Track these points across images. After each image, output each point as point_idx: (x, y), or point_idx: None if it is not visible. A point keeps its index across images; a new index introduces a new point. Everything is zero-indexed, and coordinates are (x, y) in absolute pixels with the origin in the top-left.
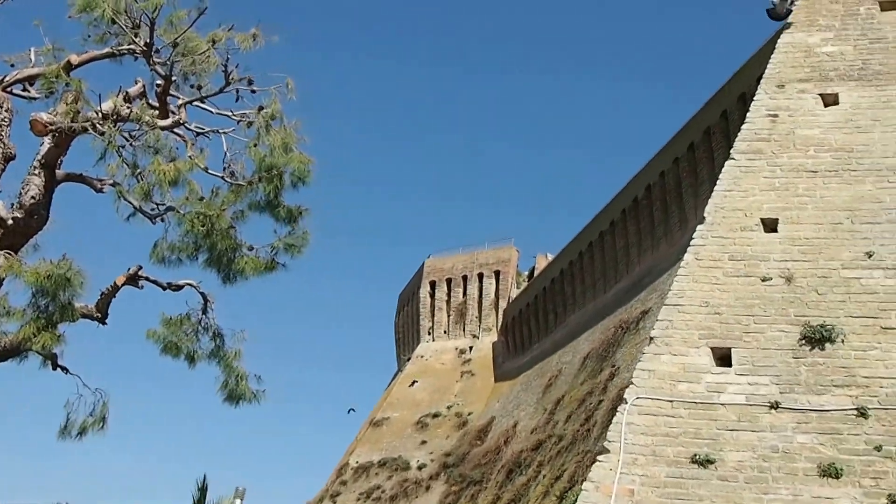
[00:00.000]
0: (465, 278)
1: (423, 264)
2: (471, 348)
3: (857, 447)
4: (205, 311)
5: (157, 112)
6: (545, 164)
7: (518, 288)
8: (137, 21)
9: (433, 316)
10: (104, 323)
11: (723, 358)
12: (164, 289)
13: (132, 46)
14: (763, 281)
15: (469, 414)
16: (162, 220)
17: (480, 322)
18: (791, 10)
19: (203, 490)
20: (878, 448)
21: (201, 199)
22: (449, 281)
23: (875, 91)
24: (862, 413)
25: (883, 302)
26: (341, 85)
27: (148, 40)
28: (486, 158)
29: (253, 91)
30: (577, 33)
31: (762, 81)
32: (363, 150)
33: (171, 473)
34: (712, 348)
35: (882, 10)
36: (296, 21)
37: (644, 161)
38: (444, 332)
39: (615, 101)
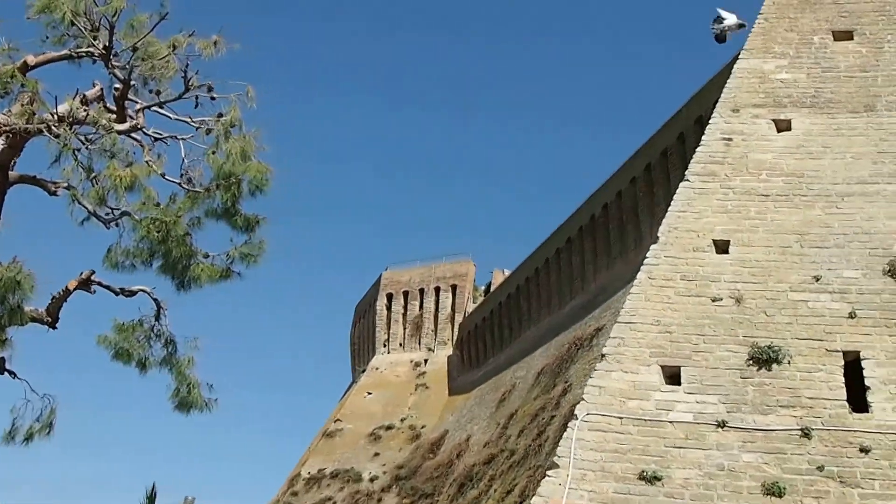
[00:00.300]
0: (421, 291)
1: (380, 276)
2: (426, 361)
3: (801, 467)
4: (158, 318)
5: (114, 116)
6: (503, 181)
7: (474, 302)
8: (97, 24)
9: (389, 328)
10: (54, 327)
11: (672, 376)
12: (117, 294)
13: (91, 49)
14: (713, 301)
15: (422, 427)
16: (116, 225)
17: (436, 336)
18: (726, 36)
19: (152, 498)
20: (821, 468)
21: (157, 204)
22: (406, 294)
23: (826, 118)
24: (805, 433)
25: (829, 325)
26: (303, 93)
27: (107, 43)
28: (446, 172)
29: (212, 98)
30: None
31: (718, 105)
32: (324, 159)
33: (121, 480)
34: (662, 366)
35: (835, 39)
36: (259, 33)
37: (602, 180)
38: (400, 344)
39: (565, 134)
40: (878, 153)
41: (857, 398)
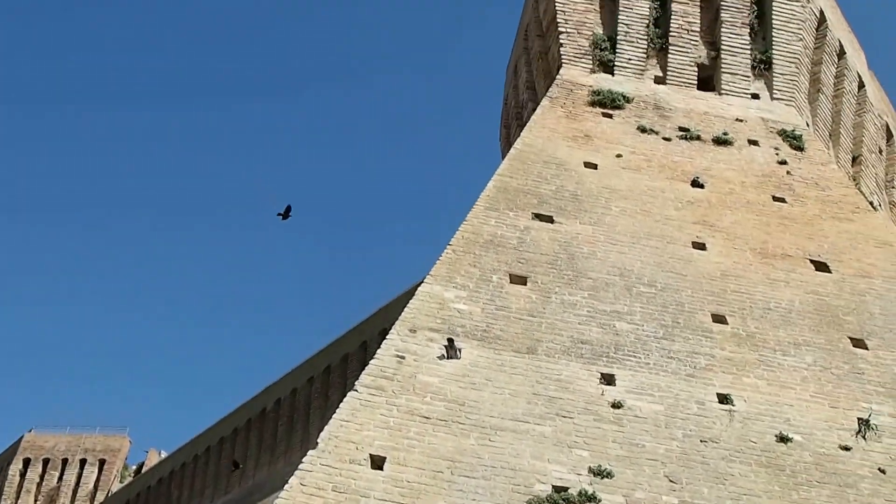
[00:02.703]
0: (65, 461)
1: (21, 437)
2: None
3: None
4: None
5: None
6: (179, 361)
7: (122, 482)
8: None
9: (18, 498)
10: None
11: None
12: None
13: None
14: None
15: None
16: None
17: None
18: (449, 355)
19: None
20: None
21: None
22: (46, 462)
23: (493, 354)
24: None
25: None
26: None
27: None
28: (110, 334)
29: None
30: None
31: (397, 323)
32: None
33: None
34: None
35: (511, 282)
36: None
37: (281, 373)
38: None
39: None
40: (533, 394)
41: None
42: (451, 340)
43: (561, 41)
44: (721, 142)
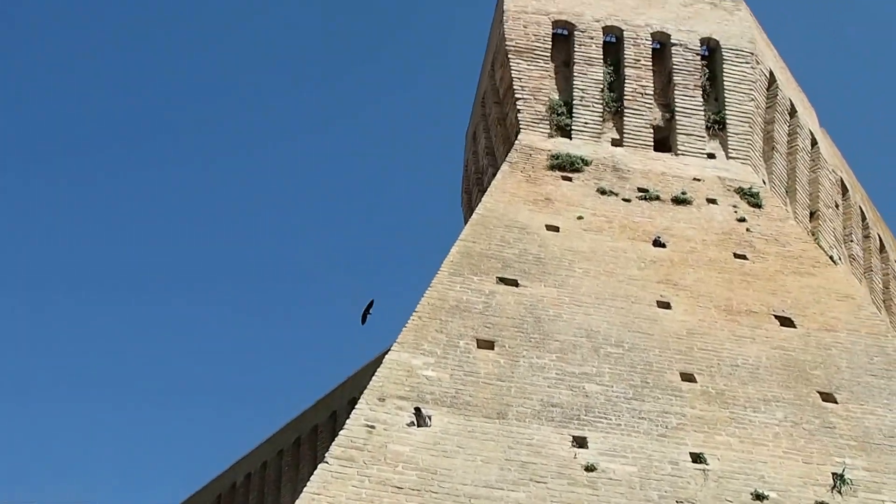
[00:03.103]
0: None
1: None
2: None
3: None
4: None
5: None
6: (140, 431)
7: None
8: None
9: None
10: None
11: None
12: None
13: None
14: None
15: None
16: None
17: None
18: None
19: None
20: None
21: None
22: None
23: (463, 420)
24: None
25: None
26: None
27: None
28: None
29: None
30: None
31: (365, 392)
32: None
33: None
34: None
35: (478, 347)
36: None
37: (250, 447)
38: None
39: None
40: (506, 460)
41: None
42: (418, 409)
43: (518, 107)
44: (680, 201)
